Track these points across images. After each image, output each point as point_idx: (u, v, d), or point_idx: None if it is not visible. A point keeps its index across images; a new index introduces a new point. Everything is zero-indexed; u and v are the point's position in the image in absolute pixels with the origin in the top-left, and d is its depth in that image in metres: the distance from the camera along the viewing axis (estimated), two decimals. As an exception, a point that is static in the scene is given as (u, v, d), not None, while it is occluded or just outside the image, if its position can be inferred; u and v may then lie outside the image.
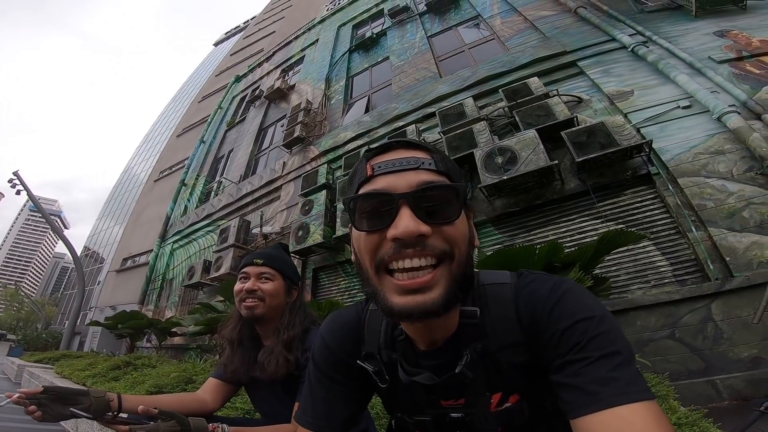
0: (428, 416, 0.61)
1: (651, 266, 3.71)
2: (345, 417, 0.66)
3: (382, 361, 0.61)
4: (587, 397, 0.43)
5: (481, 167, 4.40)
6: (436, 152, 0.53)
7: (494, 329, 0.56)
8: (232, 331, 1.20)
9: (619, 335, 0.47)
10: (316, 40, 12.03)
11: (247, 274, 1.17)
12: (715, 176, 3.69)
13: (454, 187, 0.50)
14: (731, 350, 2.96)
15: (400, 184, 0.48)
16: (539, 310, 0.52)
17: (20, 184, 13.28)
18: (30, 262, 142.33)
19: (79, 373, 3.81)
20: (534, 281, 0.56)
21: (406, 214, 0.46)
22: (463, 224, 0.51)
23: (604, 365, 0.44)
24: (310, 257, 6.07)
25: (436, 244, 0.47)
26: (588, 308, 0.49)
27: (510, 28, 7.00)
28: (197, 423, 0.92)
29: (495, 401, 0.58)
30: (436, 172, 0.50)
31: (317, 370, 0.67)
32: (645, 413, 0.41)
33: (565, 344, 0.48)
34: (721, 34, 4.81)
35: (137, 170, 33.89)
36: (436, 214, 0.48)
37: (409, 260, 0.47)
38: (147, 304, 10.54)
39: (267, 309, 1.14)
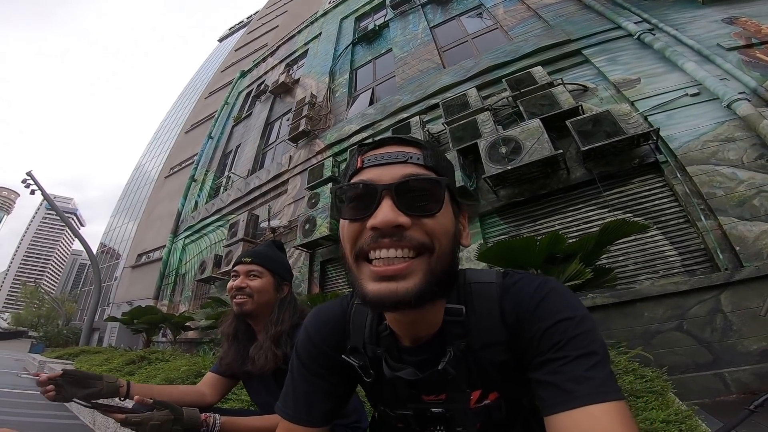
0: (410, 410, 0.62)
1: (659, 256, 3.66)
2: (325, 410, 0.66)
3: (366, 355, 0.62)
4: (563, 395, 0.45)
5: (485, 157, 4.38)
6: (429, 148, 0.54)
7: (478, 328, 0.57)
8: (228, 327, 1.26)
9: (598, 336, 0.49)
10: (319, 33, 11.97)
11: (237, 272, 1.22)
12: (725, 164, 3.61)
13: (437, 180, 0.50)
14: (740, 342, 2.90)
15: (385, 176, 0.50)
16: (523, 309, 0.53)
17: (34, 183, 13.46)
18: (49, 259, 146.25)
19: (96, 368, 3.93)
20: (519, 281, 0.57)
21: (386, 205, 0.48)
22: (447, 219, 0.51)
23: (581, 364, 0.46)
24: (318, 250, 6.14)
25: (414, 235, 0.48)
26: (570, 308, 0.51)
27: (513, 17, 6.87)
28: (190, 413, 0.98)
29: (474, 398, 0.59)
30: (423, 166, 0.51)
31: (300, 363, 0.68)
32: (614, 413, 0.42)
33: (546, 343, 0.49)
34: (729, 21, 4.67)
35: (148, 167, 34.45)
36: (418, 206, 0.48)
37: (386, 250, 0.48)
38: (161, 299, 10.79)
39: (256, 305, 1.18)
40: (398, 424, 0.66)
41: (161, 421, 0.92)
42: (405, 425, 0.65)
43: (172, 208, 13.59)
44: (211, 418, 1.02)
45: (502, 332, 0.55)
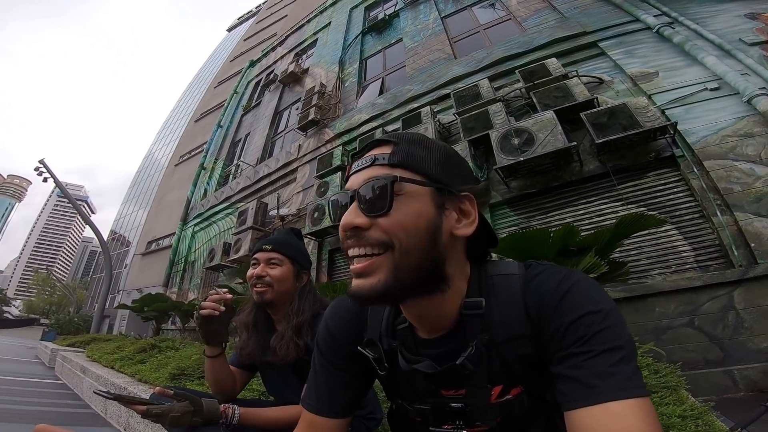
0: (428, 405, 0.61)
1: (672, 251, 3.63)
2: (346, 402, 0.67)
3: (382, 348, 0.62)
4: (585, 390, 0.43)
5: (497, 148, 4.34)
6: (401, 143, 0.54)
7: (501, 321, 0.55)
8: (248, 316, 1.24)
9: (624, 330, 0.47)
10: (328, 23, 11.87)
11: (257, 259, 1.20)
12: (743, 159, 3.54)
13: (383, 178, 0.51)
14: (751, 340, 2.89)
15: (356, 182, 0.53)
16: (546, 302, 0.52)
17: (47, 171, 13.66)
18: (60, 247, 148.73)
19: (107, 357, 3.94)
20: (542, 272, 0.56)
21: (351, 208, 0.52)
22: (405, 215, 0.50)
23: (606, 359, 0.44)
24: (326, 238, 6.18)
25: (372, 235, 0.50)
26: (595, 302, 0.49)
27: (527, 8, 6.75)
28: (209, 404, 0.99)
29: (496, 393, 0.58)
30: (387, 165, 0.52)
31: (320, 355, 0.68)
32: (638, 410, 0.41)
33: (571, 337, 0.48)
34: (752, 17, 4.54)
35: (158, 155, 34.73)
36: (373, 206, 0.50)
37: (351, 250, 0.52)
38: (171, 287, 10.95)
39: (276, 294, 1.17)
40: (416, 418, 0.65)
41: (181, 413, 0.93)
42: (422, 419, 0.64)
43: (181, 195, 13.71)
44: (230, 409, 1.03)
45: (526, 325, 0.54)
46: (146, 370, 2.97)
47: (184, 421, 0.93)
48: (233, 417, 1.02)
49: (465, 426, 0.60)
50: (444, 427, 0.62)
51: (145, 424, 1.98)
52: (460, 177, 0.55)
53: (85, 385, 3.53)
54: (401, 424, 0.73)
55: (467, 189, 0.55)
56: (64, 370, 4.78)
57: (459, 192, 0.54)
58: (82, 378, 3.72)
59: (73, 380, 4.15)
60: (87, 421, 2.67)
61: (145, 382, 2.72)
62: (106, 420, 2.66)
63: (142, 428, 2.03)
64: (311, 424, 0.66)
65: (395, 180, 0.50)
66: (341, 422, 0.67)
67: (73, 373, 4.17)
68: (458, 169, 0.56)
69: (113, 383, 2.76)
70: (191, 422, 0.95)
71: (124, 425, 2.33)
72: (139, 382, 2.79)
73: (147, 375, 2.80)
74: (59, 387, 4.21)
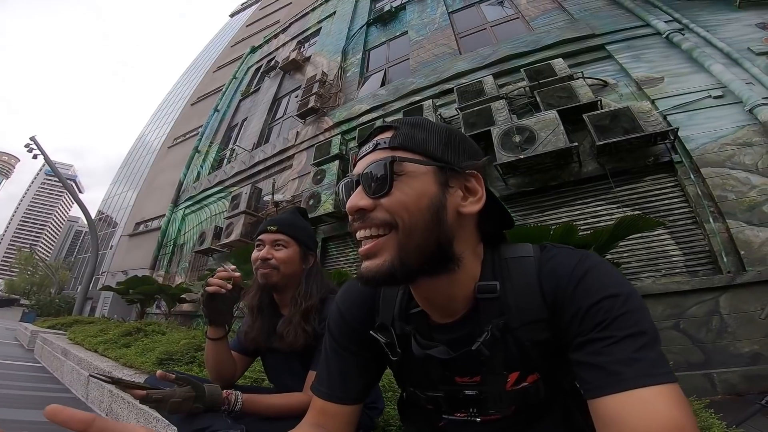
0: (441, 392, 0.60)
1: (664, 255, 3.67)
2: (359, 388, 0.65)
3: (395, 333, 0.61)
4: (609, 377, 0.42)
5: (498, 145, 4.34)
6: (402, 126, 0.55)
7: (517, 305, 0.54)
8: (253, 299, 1.19)
9: (646, 315, 0.46)
10: (333, 12, 11.73)
11: (262, 241, 1.15)
12: (740, 168, 3.59)
13: (382, 159, 0.51)
14: (733, 345, 2.96)
15: (361, 167, 0.54)
16: (563, 286, 0.50)
17: (37, 148, 13.45)
18: (45, 225, 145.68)
19: (91, 340, 3.80)
20: (558, 254, 0.54)
21: (356, 192, 0.53)
22: (406, 194, 0.50)
23: (628, 345, 0.43)
24: (320, 227, 6.11)
25: (376, 215, 0.51)
26: (614, 285, 0.48)
27: (536, 8, 6.74)
28: (212, 389, 0.94)
29: (512, 380, 0.57)
30: (389, 149, 0.53)
31: (332, 340, 0.67)
32: (668, 396, 0.40)
33: (589, 322, 0.46)
34: (763, 26, 4.59)
35: (151, 137, 34.13)
36: (375, 188, 0.51)
37: (358, 232, 0.53)
38: (158, 270, 10.76)
39: (282, 277, 1.12)
40: (428, 406, 0.64)
41: (182, 398, 0.88)
42: (435, 407, 0.63)
43: (173, 177, 13.48)
44: (233, 395, 0.98)
45: (543, 309, 0.52)
46: (131, 354, 2.85)
47: (185, 407, 0.88)
48: (236, 403, 0.97)
49: (479, 414, 0.59)
50: (457, 415, 0.61)
51: (129, 410, 1.92)
52: (464, 155, 0.55)
53: (66, 368, 3.41)
54: (412, 412, 0.71)
55: (470, 165, 0.54)
56: (44, 352, 4.62)
57: (462, 169, 0.53)
58: (63, 361, 3.59)
59: (53, 363, 4.01)
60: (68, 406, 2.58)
61: (131, 367, 2.63)
62: (88, 405, 2.56)
63: (125, 414, 1.96)
64: (323, 411, 0.64)
65: (394, 160, 0.51)
66: (354, 409, 0.65)
67: (54, 356, 4.04)
68: (462, 147, 0.56)
69: (97, 367, 2.67)
70: (192, 408, 0.89)
71: (106, 410, 2.24)
72: (124, 366, 2.69)
73: (132, 359, 2.70)
74: (38, 370, 4.07)
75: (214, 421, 0.91)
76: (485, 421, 0.59)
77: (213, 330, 1.09)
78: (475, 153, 0.57)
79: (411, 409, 0.71)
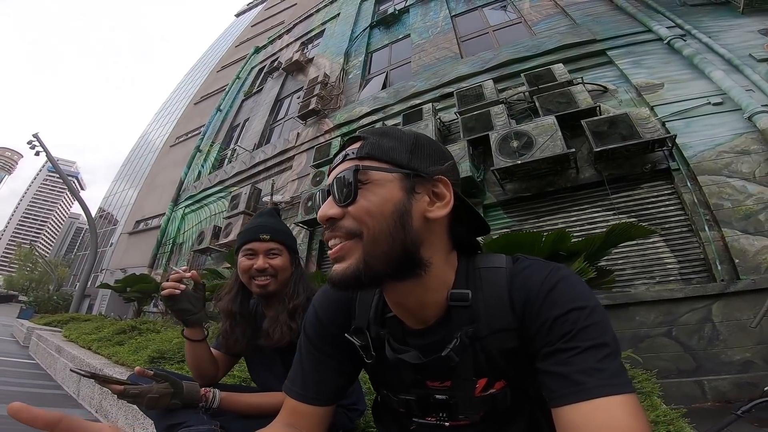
0: (413, 395, 0.61)
1: (658, 262, 3.67)
2: (333, 389, 0.66)
3: (369, 336, 0.62)
4: (572, 387, 0.44)
5: (496, 150, 4.34)
6: (369, 137, 0.56)
7: (486, 314, 0.55)
8: (231, 303, 1.17)
9: (609, 327, 0.48)
10: (337, 14, 11.79)
11: (254, 250, 1.12)
12: (737, 176, 3.59)
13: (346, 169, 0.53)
14: (724, 352, 2.97)
15: (332, 177, 0.56)
16: (533, 297, 0.52)
17: (39, 145, 13.51)
18: (46, 221, 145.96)
19: (85, 337, 3.82)
20: (529, 267, 0.56)
21: (326, 203, 0.55)
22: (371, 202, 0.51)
23: (592, 356, 0.45)
24: (318, 228, 6.13)
25: (344, 224, 0.52)
26: (581, 297, 0.49)
27: (539, 13, 6.76)
28: (190, 386, 0.96)
29: (480, 386, 0.58)
30: (356, 158, 0.54)
31: (308, 341, 0.68)
32: (627, 406, 0.42)
33: (556, 333, 0.48)
34: (766, 32, 4.58)
35: (154, 136, 34.21)
36: (343, 197, 0.53)
37: (330, 241, 0.54)
38: (156, 268, 10.78)
39: (278, 284, 1.13)
40: (400, 409, 0.65)
41: (160, 394, 0.90)
42: (407, 410, 0.64)
43: (174, 176, 13.52)
44: (211, 393, 1.00)
45: (511, 319, 0.54)
46: (124, 352, 2.87)
47: (162, 403, 0.90)
48: (213, 401, 0.99)
49: (448, 419, 0.60)
50: (427, 419, 0.62)
51: (118, 407, 1.93)
52: (430, 161, 0.56)
53: (58, 365, 3.44)
54: (385, 415, 0.72)
55: (436, 171, 0.55)
56: (39, 349, 4.66)
57: (429, 175, 0.54)
58: (56, 358, 3.62)
59: (46, 360, 4.04)
60: (59, 403, 2.60)
61: (122, 364, 2.64)
62: (78, 402, 2.59)
63: (114, 411, 1.98)
64: (294, 411, 0.65)
65: (357, 169, 0.52)
66: (325, 410, 0.66)
67: (48, 352, 4.06)
68: (429, 154, 0.56)
69: (89, 364, 2.68)
70: (170, 404, 0.91)
71: (96, 407, 2.27)
72: (116, 364, 2.71)
73: (125, 357, 2.72)
74: (32, 367, 4.09)
75: (190, 417, 0.93)
76: (454, 426, 0.60)
77: (189, 330, 1.09)
78: (444, 158, 0.58)
79: (384, 411, 0.72)
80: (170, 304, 1.06)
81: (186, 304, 1.07)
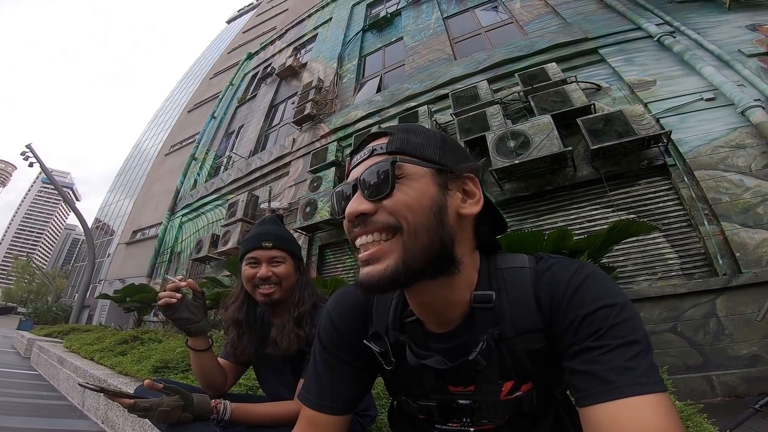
0: (434, 401, 0.60)
1: (659, 258, 3.67)
2: (350, 397, 0.65)
3: (389, 342, 0.60)
4: (602, 386, 0.42)
5: (493, 150, 4.35)
6: (396, 132, 0.55)
7: (512, 315, 0.54)
8: (238, 312, 1.16)
9: (639, 324, 0.47)
10: (329, 18, 11.81)
11: (257, 259, 1.11)
12: (734, 170, 3.61)
13: (383, 161, 0.51)
14: (731, 347, 2.95)
15: (357, 173, 0.54)
16: (559, 295, 0.51)
17: (33, 156, 13.41)
18: (42, 233, 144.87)
19: (87, 348, 3.78)
20: (554, 265, 0.55)
21: (354, 197, 0.52)
22: (409, 196, 0.50)
23: (622, 354, 0.44)
24: (317, 234, 6.11)
25: (379, 219, 0.50)
26: (610, 295, 0.48)
27: (530, 12, 6.80)
28: (200, 399, 0.94)
29: (506, 390, 0.57)
30: (385, 153, 0.53)
31: (323, 348, 0.66)
32: (658, 405, 0.40)
33: (585, 331, 0.47)
34: (753, 28, 4.62)
35: (148, 145, 34.04)
36: (375, 191, 0.50)
37: (359, 238, 0.51)
38: (155, 278, 10.72)
39: (283, 292, 1.12)
40: (420, 416, 0.63)
41: (171, 407, 0.89)
42: (427, 417, 0.62)
43: (170, 185, 13.46)
44: (222, 404, 0.98)
45: (537, 319, 0.53)
46: (127, 362, 2.84)
47: (173, 416, 0.88)
48: (225, 413, 0.97)
49: (472, 424, 0.59)
50: (450, 425, 0.60)
51: (125, 418, 1.89)
52: (457, 158, 0.55)
53: (61, 376, 3.40)
54: (403, 422, 0.70)
55: (467, 168, 0.55)
56: (41, 360, 4.61)
57: (460, 172, 0.54)
58: (59, 369, 3.57)
59: (49, 371, 4.00)
60: (63, 413, 2.56)
61: (126, 375, 2.61)
62: (84, 413, 2.55)
63: (121, 422, 1.94)
64: (312, 421, 0.63)
65: (395, 161, 0.51)
66: (343, 419, 0.64)
67: (50, 363, 4.02)
68: (456, 152, 0.56)
69: (92, 375, 2.65)
70: (180, 417, 0.89)
71: (102, 418, 2.23)
72: (120, 374, 2.67)
73: (128, 367, 2.68)
74: (34, 378, 4.05)
75: (201, 430, 0.91)
76: (478, 431, 0.59)
77: (193, 340, 1.08)
78: (468, 158, 0.58)
79: (402, 419, 0.71)
80: (169, 314, 1.05)
81: (186, 313, 1.06)
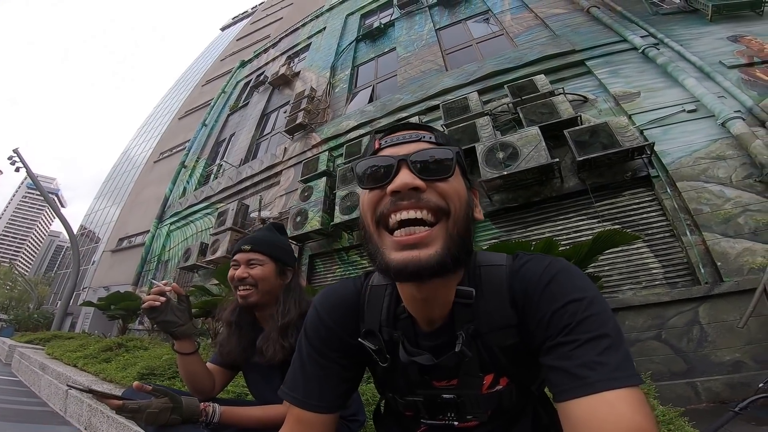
0: (420, 397, 0.61)
1: (643, 268, 3.73)
2: (337, 395, 0.64)
3: (382, 339, 0.60)
4: (575, 381, 0.43)
5: (482, 161, 4.40)
6: (438, 131, 0.58)
7: (486, 311, 0.56)
8: (231, 314, 1.20)
9: (609, 317, 0.47)
10: (323, 28, 11.93)
11: (237, 261, 1.16)
12: (714, 181, 3.70)
13: (448, 149, 0.53)
14: (714, 353, 3.01)
15: (401, 151, 0.54)
16: (531, 291, 0.52)
17: (20, 161, 13.20)
18: (25, 239, 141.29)
19: (70, 354, 3.73)
20: (528, 262, 0.56)
21: (403, 171, 0.51)
22: (459, 185, 0.53)
23: (592, 348, 0.44)
24: (307, 243, 6.07)
25: (430, 197, 0.50)
26: (579, 289, 0.49)
27: (520, 25, 6.96)
28: (189, 401, 0.94)
29: (487, 383, 0.58)
30: (434, 143, 0.55)
31: (310, 346, 0.64)
32: (630, 400, 0.41)
33: (555, 326, 0.47)
34: (734, 39, 4.77)
35: (137, 151, 33.68)
36: (431, 171, 0.51)
37: (406, 212, 0.50)
38: (141, 286, 10.50)
39: (261, 295, 1.13)
40: (407, 412, 0.64)
41: (159, 409, 0.88)
42: (414, 413, 0.63)
43: (159, 193, 13.28)
44: (211, 407, 0.98)
45: (511, 315, 0.54)
46: (112, 369, 2.81)
47: (161, 418, 0.88)
48: (214, 415, 0.97)
49: (456, 419, 0.60)
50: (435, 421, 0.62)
51: (109, 423, 1.87)
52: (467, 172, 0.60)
53: (43, 382, 3.34)
54: (390, 420, 0.71)
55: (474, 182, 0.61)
56: (21, 366, 4.51)
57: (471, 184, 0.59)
58: (40, 375, 3.51)
59: (30, 377, 3.92)
60: (45, 419, 2.51)
61: (111, 381, 2.58)
62: (66, 419, 2.50)
63: (105, 427, 1.91)
64: (299, 420, 0.62)
65: (459, 152, 0.55)
66: (331, 417, 0.63)
67: (31, 370, 3.94)
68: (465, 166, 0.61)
69: (76, 381, 2.60)
70: (169, 420, 0.89)
71: (85, 424, 2.18)
72: (104, 381, 2.65)
73: (113, 374, 2.65)
74: (15, 384, 3.98)
75: None
76: (462, 427, 0.60)
77: (179, 344, 1.09)
78: None
79: (388, 417, 0.72)
80: (153, 317, 1.06)
81: (170, 316, 1.07)
